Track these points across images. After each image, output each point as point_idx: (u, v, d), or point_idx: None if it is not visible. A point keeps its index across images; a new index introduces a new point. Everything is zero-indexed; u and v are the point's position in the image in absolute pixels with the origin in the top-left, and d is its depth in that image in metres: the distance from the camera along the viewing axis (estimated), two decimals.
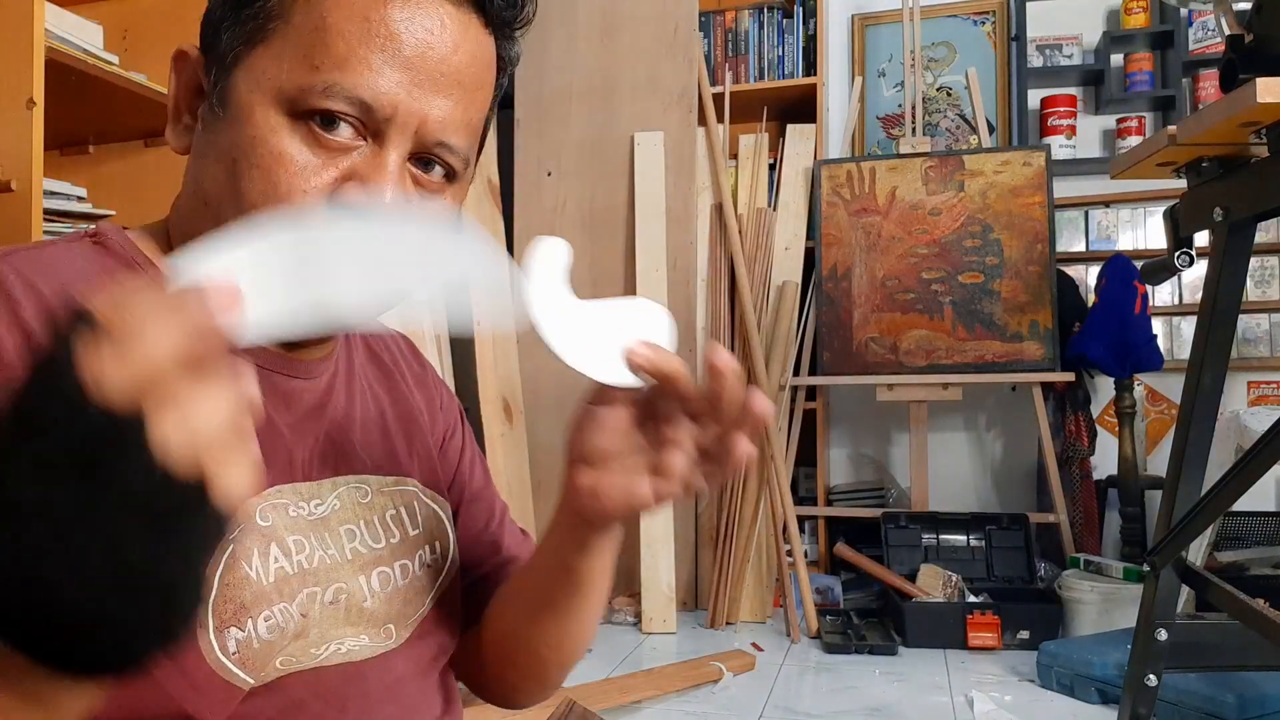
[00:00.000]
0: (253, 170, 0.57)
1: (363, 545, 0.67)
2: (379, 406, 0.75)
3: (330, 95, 0.56)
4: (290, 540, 0.62)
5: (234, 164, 0.58)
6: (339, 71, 0.56)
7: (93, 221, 1.85)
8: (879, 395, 3.10)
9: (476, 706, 0.90)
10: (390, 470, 0.72)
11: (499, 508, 0.84)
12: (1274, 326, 3.18)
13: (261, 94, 0.57)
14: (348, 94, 0.56)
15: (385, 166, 0.58)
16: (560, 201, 3.23)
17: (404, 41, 0.57)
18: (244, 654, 0.58)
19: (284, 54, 0.57)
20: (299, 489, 0.64)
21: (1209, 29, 3.22)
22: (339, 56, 0.56)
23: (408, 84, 0.58)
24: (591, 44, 3.23)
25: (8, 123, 1.51)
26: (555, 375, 3.18)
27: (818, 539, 3.35)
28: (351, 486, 0.68)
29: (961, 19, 3.52)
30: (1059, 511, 2.91)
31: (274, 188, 0.57)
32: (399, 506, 0.71)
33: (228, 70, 0.59)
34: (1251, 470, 1.43)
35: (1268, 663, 1.69)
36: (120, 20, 2.08)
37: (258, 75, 0.58)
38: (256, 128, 0.57)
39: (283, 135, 0.57)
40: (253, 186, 0.57)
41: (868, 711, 2.11)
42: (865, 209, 3.18)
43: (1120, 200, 3.29)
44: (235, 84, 0.58)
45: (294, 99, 0.57)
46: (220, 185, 0.59)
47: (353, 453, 0.69)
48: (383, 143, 0.58)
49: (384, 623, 0.67)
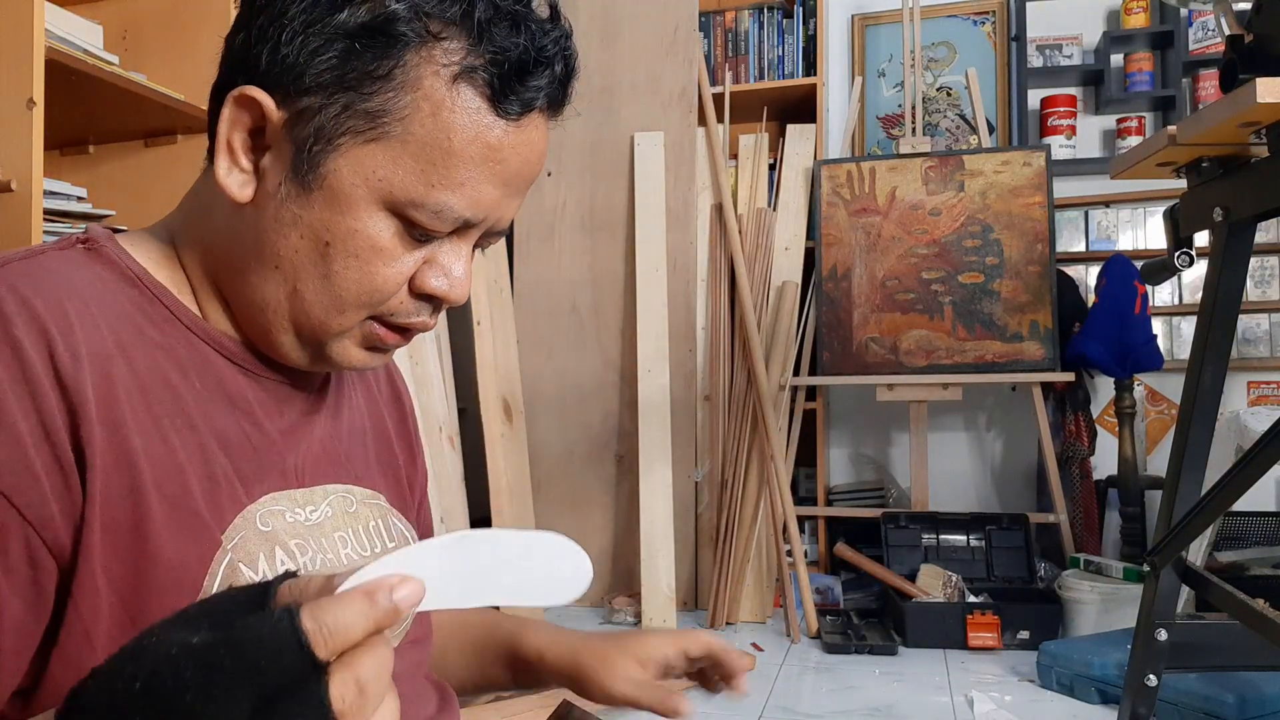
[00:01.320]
0: (350, 259, 0.60)
1: (355, 553, 0.67)
2: (360, 419, 0.76)
3: (442, 219, 0.60)
4: (293, 544, 0.62)
5: (326, 246, 0.60)
6: (452, 194, 0.59)
7: (93, 221, 1.85)
8: (879, 395, 3.10)
9: (476, 706, 0.91)
10: (368, 483, 0.73)
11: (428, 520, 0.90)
12: (1274, 326, 3.18)
13: (369, 190, 0.59)
14: (456, 215, 0.60)
15: (462, 258, 0.64)
16: (560, 201, 3.23)
17: (511, 164, 0.61)
18: None
19: (401, 160, 0.59)
20: (294, 495, 0.65)
21: (1209, 29, 3.22)
22: (456, 180, 0.59)
23: (502, 197, 0.62)
24: (591, 44, 3.23)
25: (8, 123, 1.51)
26: (555, 375, 3.18)
27: (818, 539, 3.35)
28: (340, 495, 0.69)
29: (961, 19, 3.52)
30: (1059, 511, 2.91)
31: (369, 277, 0.61)
32: (377, 519, 0.71)
33: (327, 151, 0.59)
34: (1251, 470, 1.43)
35: (1268, 663, 1.69)
36: (120, 20, 2.08)
37: (367, 172, 0.59)
38: (360, 221, 0.59)
39: (383, 231, 0.60)
40: (348, 273, 0.60)
41: (868, 711, 2.11)
42: (865, 209, 3.18)
43: (1120, 200, 3.29)
44: (338, 169, 0.59)
45: (402, 206, 0.59)
46: (303, 260, 0.61)
47: (340, 461, 0.70)
48: (463, 237, 0.63)
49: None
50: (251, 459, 0.62)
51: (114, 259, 0.62)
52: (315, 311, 0.62)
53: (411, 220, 0.60)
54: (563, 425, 3.16)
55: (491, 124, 0.59)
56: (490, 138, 0.59)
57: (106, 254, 0.62)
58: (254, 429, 0.63)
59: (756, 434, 2.93)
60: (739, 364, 3.06)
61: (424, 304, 0.64)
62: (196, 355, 0.62)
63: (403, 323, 0.64)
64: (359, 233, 0.59)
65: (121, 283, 0.61)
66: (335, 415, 0.72)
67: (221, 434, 0.61)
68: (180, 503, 0.57)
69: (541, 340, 3.20)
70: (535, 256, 3.24)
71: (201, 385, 0.61)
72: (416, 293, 0.63)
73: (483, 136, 0.59)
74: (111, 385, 0.56)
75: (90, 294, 0.58)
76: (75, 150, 2.14)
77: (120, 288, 0.61)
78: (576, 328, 3.19)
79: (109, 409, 0.55)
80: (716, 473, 3.03)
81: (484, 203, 0.61)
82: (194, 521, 0.57)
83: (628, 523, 3.06)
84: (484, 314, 2.82)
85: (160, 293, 0.62)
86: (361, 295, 0.61)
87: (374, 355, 0.66)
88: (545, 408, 3.16)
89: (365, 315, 0.63)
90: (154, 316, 0.61)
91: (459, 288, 0.63)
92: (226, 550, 0.58)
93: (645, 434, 2.96)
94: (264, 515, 0.62)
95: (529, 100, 0.61)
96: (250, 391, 0.64)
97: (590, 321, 3.18)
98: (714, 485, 3.03)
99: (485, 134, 0.59)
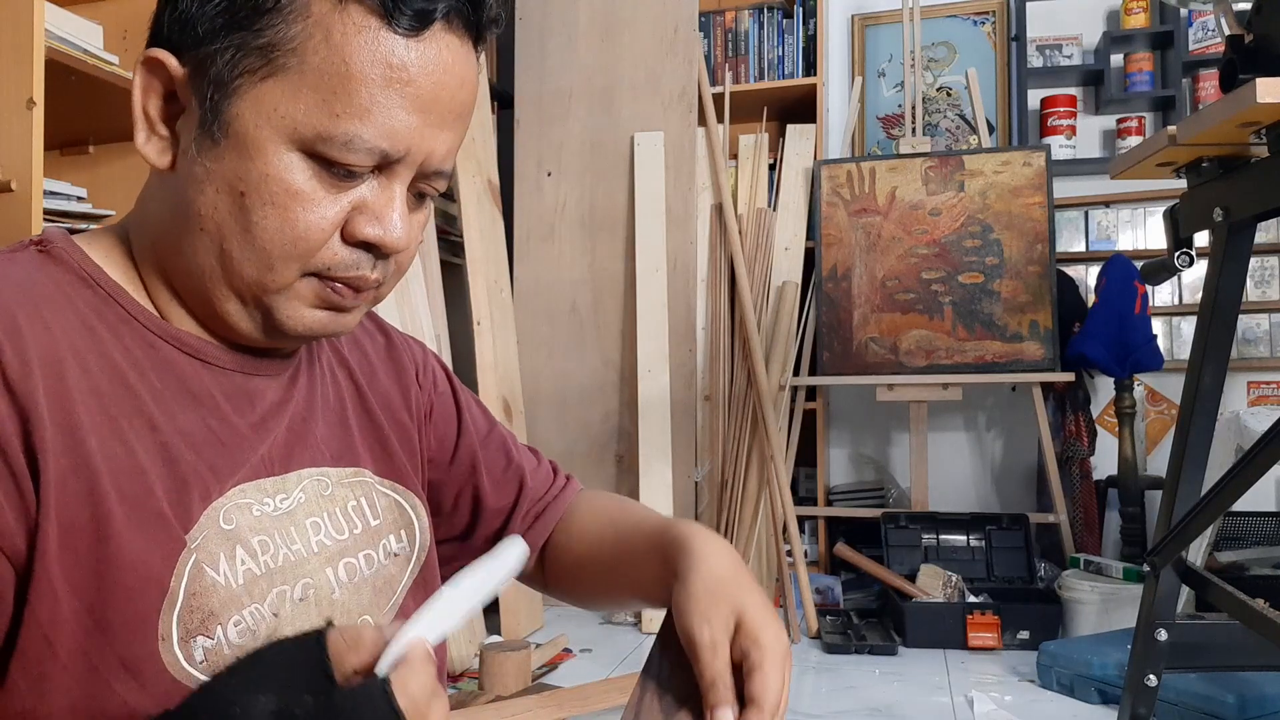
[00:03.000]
0: (266, 206, 0.58)
1: (327, 537, 0.67)
2: (339, 395, 0.75)
3: (352, 149, 0.57)
4: (255, 541, 0.62)
5: (241, 197, 0.58)
6: (360, 122, 0.57)
7: (93, 221, 1.85)
8: (879, 395, 3.10)
9: (475, 706, 0.90)
10: (349, 462, 0.72)
11: (509, 439, 0.89)
12: (1274, 326, 3.18)
13: (273, 130, 0.57)
14: (369, 146, 0.58)
15: (393, 200, 0.61)
16: (560, 201, 3.23)
17: (421, 85, 0.58)
18: (213, 661, 0.57)
19: (300, 93, 0.57)
20: (263, 485, 0.64)
21: (1209, 29, 3.22)
22: (361, 106, 0.57)
23: (421, 125, 0.59)
24: (591, 44, 3.23)
25: (8, 123, 1.51)
26: (555, 375, 3.18)
27: (818, 539, 3.35)
28: (314, 478, 0.68)
29: (961, 19, 3.52)
30: (1059, 511, 2.91)
31: (291, 224, 0.58)
32: (359, 498, 0.71)
33: (227, 97, 0.58)
34: (1251, 470, 1.43)
35: (1268, 663, 1.69)
36: (120, 20, 2.08)
37: (268, 111, 0.57)
38: (269, 164, 0.57)
39: (296, 173, 0.58)
40: (267, 222, 0.58)
41: (868, 711, 2.11)
42: (865, 209, 3.18)
43: (1120, 200, 3.29)
44: (240, 114, 0.57)
45: (311, 142, 0.57)
46: (224, 215, 0.59)
47: (314, 445, 0.69)
48: (390, 176, 0.60)
49: (358, 614, 0.67)
50: (220, 454, 0.62)
51: (68, 261, 0.61)
52: (246, 270, 0.59)
53: (324, 157, 0.57)
54: (563, 425, 3.16)
55: (389, 41, 0.57)
56: (390, 57, 0.57)
57: (61, 255, 0.61)
58: (221, 424, 0.63)
59: (756, 434, 2.93)
60: (739, 364, 3.06)
61: (362, 254, 0.61)
62: (155, 355, 0.61)
63: (343, 276, 0.61)
64: (271, 177, 0.57)
65: (77, 284, 0.60)
66: (308, 400, 0.71)
67: (186, 432, 0.60)
68: (141, 504, 0.56)
69: (541, 340, 3.20)
70: (535, 256, 3.24)
71: (162, 384, 0.61)
72: (350, 241, 0.61)
73: (381, 56, 0.56)
74: (65, 389, 0.55)
75: (42, 296, 0.58)
76: (75, 150, 2.14)
77: (75, 289, 0.60)
78: (576, 328, 3.19)
79: (63, 413, 0.55)
80: (716, 473, 3.03)
81: (399, 131, 0.58)
82: (157, 522, 0.57)
83: None
84: (484, 314, 2.82)
85: (116, 293, 0.62)
86: (285, 245, 0.58)
87: (335, 316, 0.63)
88: (545, 408, 3.16)
89: (298, 269, 0.60)
90: (109, 318, 0.60)
91: (393, 232, 0.60)
92: (191, 550, 0.58)
93: (645, 434, 2.97)
94: (229, 511, 0.61)
95: (424, 11, 0.57)
96: (215, 387, 0.63)
97: (590, 321, 3.18)
98: (714, 485, 3.03)
99: (383, 53, 0.56)
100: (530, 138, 3.26)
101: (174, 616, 0.56)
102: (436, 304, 2.70)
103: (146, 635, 0.55)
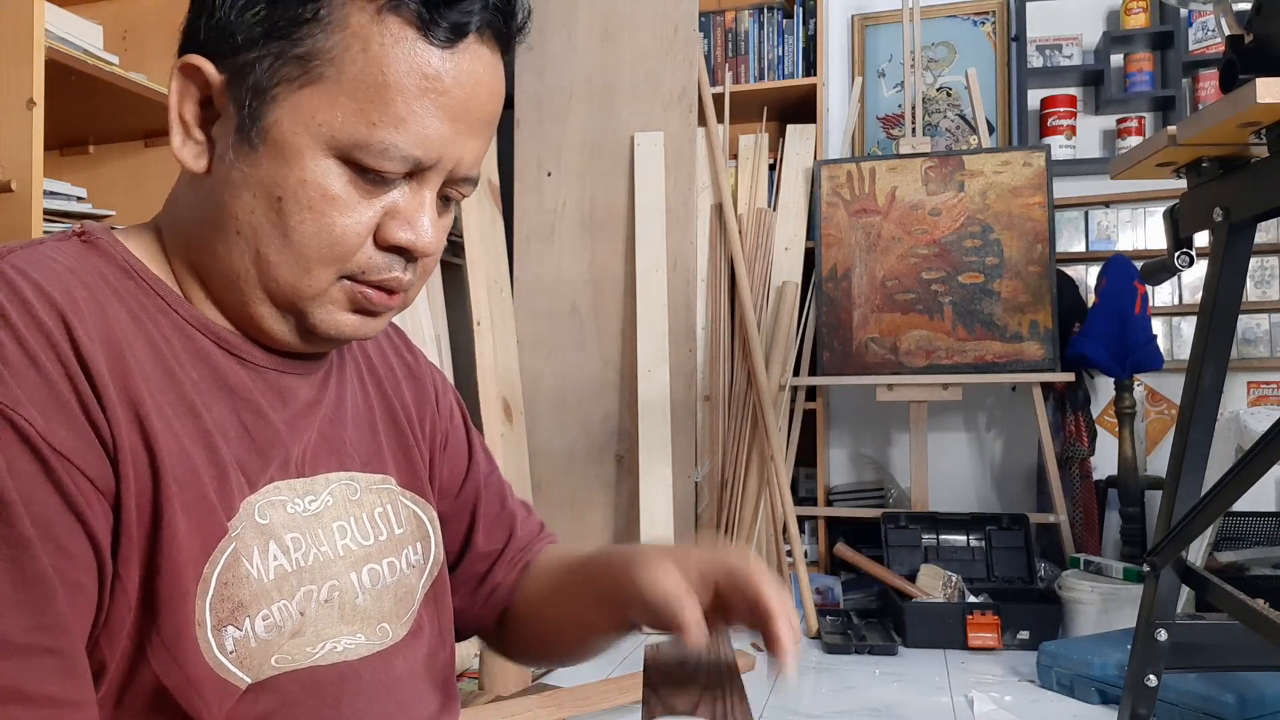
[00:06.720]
0: (303, 211, 0.59)
1: (353, 542, 0.67)
2: (368, 402, 0.75)
3: (388, 156, 0.59)
4: (288, 538, 0.62)
5: (279, 202, 0.59)
6: (395, 130, 0.58)
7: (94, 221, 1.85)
8: (879, 395, 3.10)
9: (474, 706, 0.90)
10: (376, 468, 0.72)
11: (506, 486, 0.89)
12: (1274, 326, 3.18)
13: (311, 137, 0.58)
14: (403, 153, 0.59)
15: (424, 205, 0.62)
16: (560, 201, 3.23)
17: (454, 95, 0.60)
18: (241, 653, 0.58)
19: (338, 102, 0.58)
20: (294, 485, 0.65)
21: (1209, 29, 3.22)
22: (397, 115, 0.58)
23: (453, 134, 0.60)
24: (591, 44, 3.23)
25: (8, 123, 1.51)
26: (555, 375, 3.18)
27: (818, 539, 3.35)
28: (343, 483, 0.69)
29: (961, 19, 3.52)
30: (1059, 512, 2.91)
31: (327, 229, 0.60)
32: (385, 504, 0.71)
33: (265, 104, 0.59)
34: (1251, 470, 1.43)
35: (1268, 663, 1.69)
36: (120, 20, 2.08)
37: (306, 118, 0.58)
38: (306, 170, 0.59)
39: (332, 179, 0.59)
40: (304, 226, 0.59)
41: (868, 711, 2.11)
42: (865, 209, 3.18)
43: (1120, 200, 3.29)
44: (277, 121, 0.59)
45: (347, 149, 0.58)
46: (260, 219, 0.60)
47: (344, 449, 0.70)
48: (421, 182, 0.62)
49: (378, 621, 0.68)
50: (253, 449, 0.63)
51: (110, 252, 0.62)
52: (283, 274, 0.61)
53: (360, 164, 0.59)
54: (563, 425, 3.16)
55: (425, 52, 0.58)
56: (426, 68, 0.58)
57: (103, 247, 0.62)
58: (256, 419, 0.64)
59: (756, 434, 2.93)
60: (739, 364, 3.06)
61: (394, 258, 0.63)
62: (193, 347, 0.62)
63: (376, 279, 0.63)
64: (308, 183, 0.59)
65: (119, 275, 0.61)
66: (338, 404, 0.71)
67: (221, 425, 0.61)
68: (192, 488, 0.58)
69: (541, 340, 3.20)
70: (535, 256, 3.24)
71: (199, 376, 0.62)
72: (383, 245, 0.62)
73: (418, 67, 0.58)
74: (126, 368, 0.56)
75: (92, 283, 0.59)
76: (75, 150, 2.14)
77: (119, 279, 0.61)
78: (576, 328, 3.19)
79: (126, 390, 0.56)
80: (716, 473, 3.03)
81: (432, 139, 0.59)
82: (204, 506, 0.58)
83: (628, 523, 3.06)
84: (484, 314, 2.82)
85: (157, 285, 0.63)
86: (322, 249, 0.60)
87: (365, 320, 0.65)
88: (545, 408, 3.16)
89: (334, 273, 0.61)
90: (150, 309, 0.61)
91: (424, 236, 0.62)
92: (231, 539, 0.59)
93: (645, 434, 2.96)
94: (264, 506, 0.62)
95: (459, 24, 0.59)
96: (250, 382, 0.64)
97: (590, 321, 3.18)
98: (714, 485, 3.03)
99: (420, 64, 0.58)
100: (530, 137, 3.26)
101: (206, 602, 0.57)
102: (436, 304, 2.70)
103: (186, 616, 0.56)
